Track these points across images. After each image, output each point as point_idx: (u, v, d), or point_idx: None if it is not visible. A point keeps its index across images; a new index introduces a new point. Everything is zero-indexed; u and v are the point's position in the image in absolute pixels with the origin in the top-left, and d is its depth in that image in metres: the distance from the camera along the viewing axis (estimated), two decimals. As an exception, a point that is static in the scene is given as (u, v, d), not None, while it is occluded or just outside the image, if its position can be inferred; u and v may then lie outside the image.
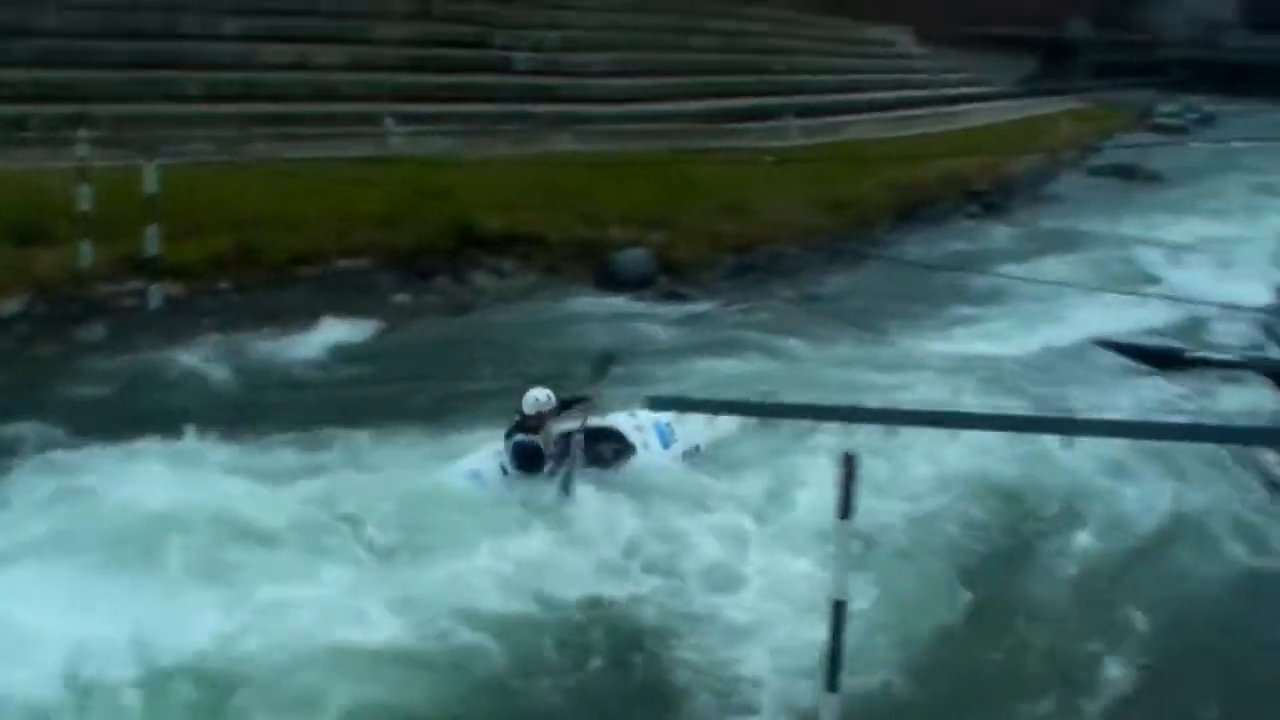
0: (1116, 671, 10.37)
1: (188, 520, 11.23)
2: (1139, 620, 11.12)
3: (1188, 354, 18.81)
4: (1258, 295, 20.34)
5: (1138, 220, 34.98)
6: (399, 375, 17.30)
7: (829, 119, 41.03)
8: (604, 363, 13.81)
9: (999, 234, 33.38)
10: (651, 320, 20.94)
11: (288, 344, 18.00)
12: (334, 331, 18.62)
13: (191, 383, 16.28)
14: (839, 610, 6.73)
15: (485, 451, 13.09)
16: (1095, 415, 15.24)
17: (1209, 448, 14.07)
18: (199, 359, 17.03)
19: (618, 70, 36.44)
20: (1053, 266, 27.55)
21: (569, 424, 12.92)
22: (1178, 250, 29.43)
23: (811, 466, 12.09)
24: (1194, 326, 21.10)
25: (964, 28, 72.49)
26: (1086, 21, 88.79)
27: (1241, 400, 17.37)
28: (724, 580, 11.17)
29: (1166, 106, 76.86)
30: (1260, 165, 51.49)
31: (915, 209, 33.61)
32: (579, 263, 23.14)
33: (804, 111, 39.55)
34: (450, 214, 22.40)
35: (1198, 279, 24.85)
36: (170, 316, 18.47)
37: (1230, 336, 20.37)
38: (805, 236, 27.60)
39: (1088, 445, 13.39)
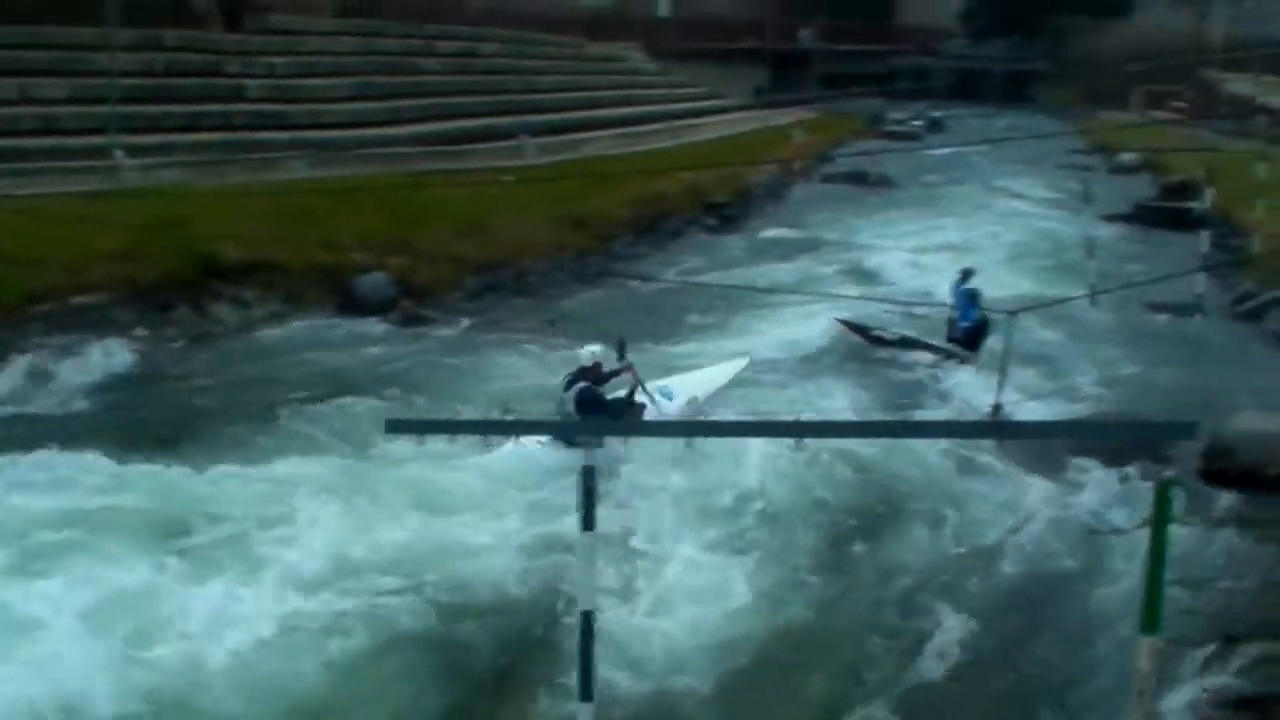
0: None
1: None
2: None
3: (886, 335, 21.91)
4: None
5: (868, 225, 36.51)
6: (138, 406, 17.42)
7: (566, 137, 41.67)
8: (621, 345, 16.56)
9: (736, 244, 34.54)
10: (394, 343, 21.32)
11: (23, 382, 17.96)
12: (70, 367, 18.61)
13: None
14: (587, 620, 7.07)
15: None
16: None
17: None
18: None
19: (351, 95, 36.56)
20: (785, 273, 28.84)
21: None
22: (901, 252, 30.96)
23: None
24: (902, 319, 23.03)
25: (693, 42, 73.77)
26: (815, 32, 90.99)
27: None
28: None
29: (896, 114, 79.41)
30: (987, 167, 53.76)
31: (655, 222, 34.56)
32: (320, 289, 23.34)
33: (540, 130, 40.14)
34: (188, 245, 22.36)
35: (913, 276, 26.23)
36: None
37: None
38: (547, 254, 28.26)
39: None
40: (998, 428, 8.27)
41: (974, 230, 36.89)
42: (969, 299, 21.13)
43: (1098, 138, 62.54)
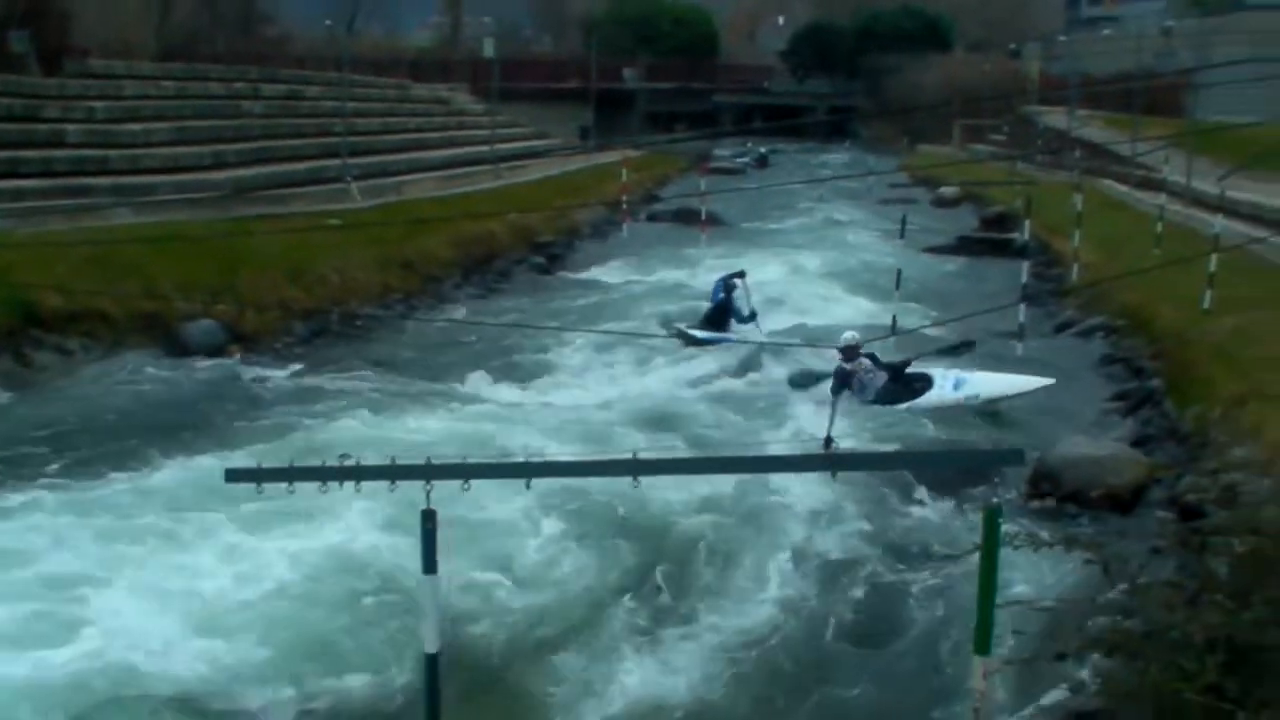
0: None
1: None
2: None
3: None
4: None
5: (694, 260, 36.90)
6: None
7: (392, 179, 41.64)
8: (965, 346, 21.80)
9: (564, 283, 34.84)
10: (222, 388, 21.21)
11: None
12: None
13: None
14: (433, 663, 7.13)
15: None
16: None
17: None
18: None
19: (173, 139, 36.17)
20: (612, 309, 29.28)
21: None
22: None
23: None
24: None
25: (518, 82, 73.98)
26: (640, 72, 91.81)
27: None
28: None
29: (723, 150, 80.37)
30: (813, 201, 54.68)
31: (483, 263, 34.86)
32: (146, 336, 23.17)
33: (366, 173, 40.06)
34: (8, 294, 22.08)
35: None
36: None
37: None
38: (376, 297, 28.38)
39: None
40: (830, 460, 8.66)
41: (799, 263, 37.58)
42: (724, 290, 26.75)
43: (920, 172, 63.81)
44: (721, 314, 26.45)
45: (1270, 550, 8.17)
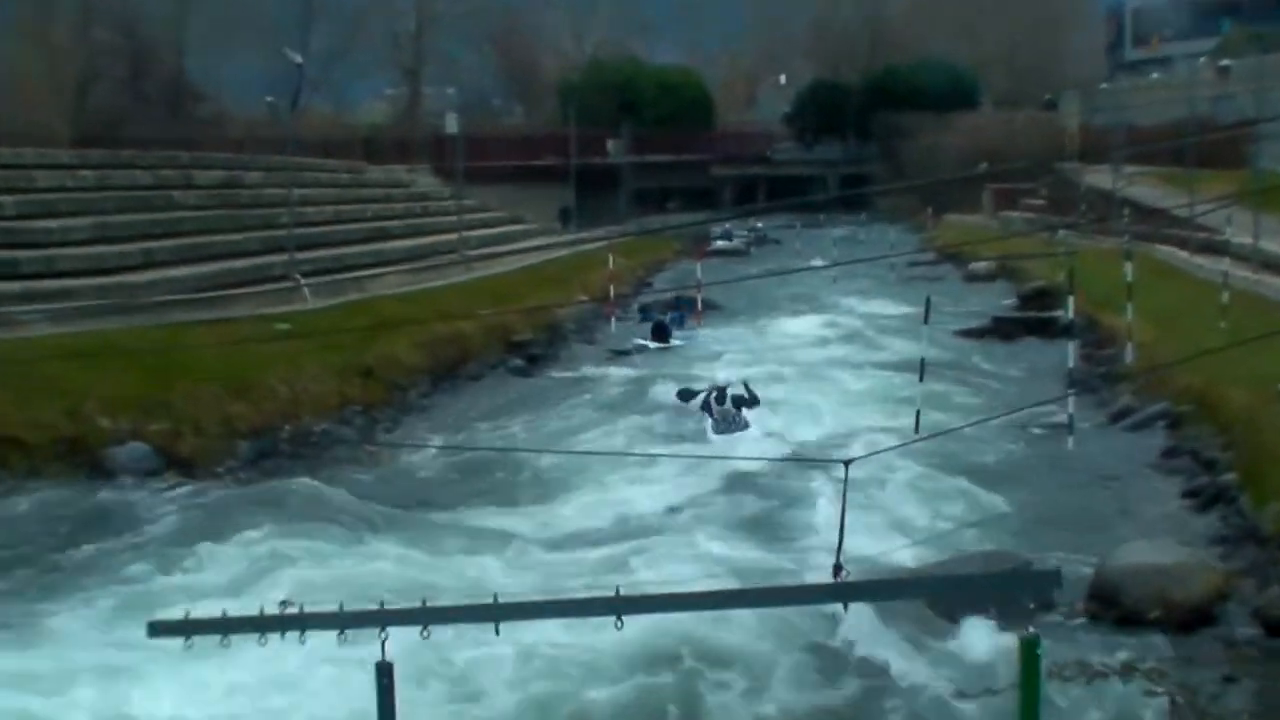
0: None
1: None
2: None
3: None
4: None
5: (690, 359, 36.80)
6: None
7: (347, 275, 41.57)
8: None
9: (545, 388, 34.64)
10: (154, 519, 20.89)
11: None
12: None
13: None
14: None
15: None
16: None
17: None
18: None
19: (95, 237, 36.04)
20: (603, 420, 29.07)
21: None
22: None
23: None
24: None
25: (487, 161, 74.26)
26: (625, 144, 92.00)
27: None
28: None
29: (720, 229, 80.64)
30: (824, 284, 54.84)
31: (453, 367, 34.66)
32: (66, 463, 22.86)
33: (317, 270, 39.97)
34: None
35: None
36: None
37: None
38: (332, 411, 28.08)
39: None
40: (840, 590, 8.42)
41: (803, 358, 37.51)
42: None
43: (945, 244, 64.13)
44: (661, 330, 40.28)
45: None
